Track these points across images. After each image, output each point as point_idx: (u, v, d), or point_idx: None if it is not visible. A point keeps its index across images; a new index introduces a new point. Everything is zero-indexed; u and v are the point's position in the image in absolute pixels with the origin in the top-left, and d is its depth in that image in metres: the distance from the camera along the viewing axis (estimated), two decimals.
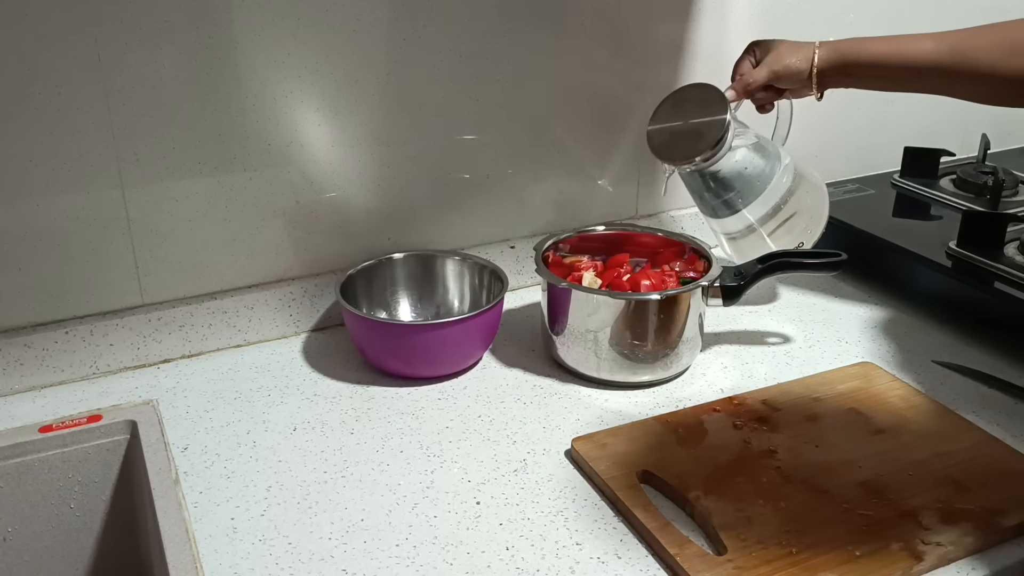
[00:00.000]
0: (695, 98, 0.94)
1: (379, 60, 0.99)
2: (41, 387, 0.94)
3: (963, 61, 0.84)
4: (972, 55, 0.83)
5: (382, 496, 0.80)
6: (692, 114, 0.93)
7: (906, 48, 0.88)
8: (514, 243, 1.14)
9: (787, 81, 0.94)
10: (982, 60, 0.83)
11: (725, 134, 0.91)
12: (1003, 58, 0.82)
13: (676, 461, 0.82)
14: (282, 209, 1.00)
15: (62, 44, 0.85)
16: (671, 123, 0.95)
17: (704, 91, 0.93)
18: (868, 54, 0.90)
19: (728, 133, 0.92)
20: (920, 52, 0.86)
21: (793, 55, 0.93)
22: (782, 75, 0.94)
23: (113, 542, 0.89)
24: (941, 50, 0.85)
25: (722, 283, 0.98)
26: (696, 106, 0.93)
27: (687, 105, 0.94)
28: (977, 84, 0.86)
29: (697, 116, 0.93)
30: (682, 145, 0.94)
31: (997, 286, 1.03)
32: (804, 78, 0.93)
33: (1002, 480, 0.81)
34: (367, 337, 0.96)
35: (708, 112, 0.92)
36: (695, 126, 0.92)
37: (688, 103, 0.94)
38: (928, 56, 0.86)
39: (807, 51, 0.92)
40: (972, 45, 0.84)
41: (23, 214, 0.89)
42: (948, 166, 1.34)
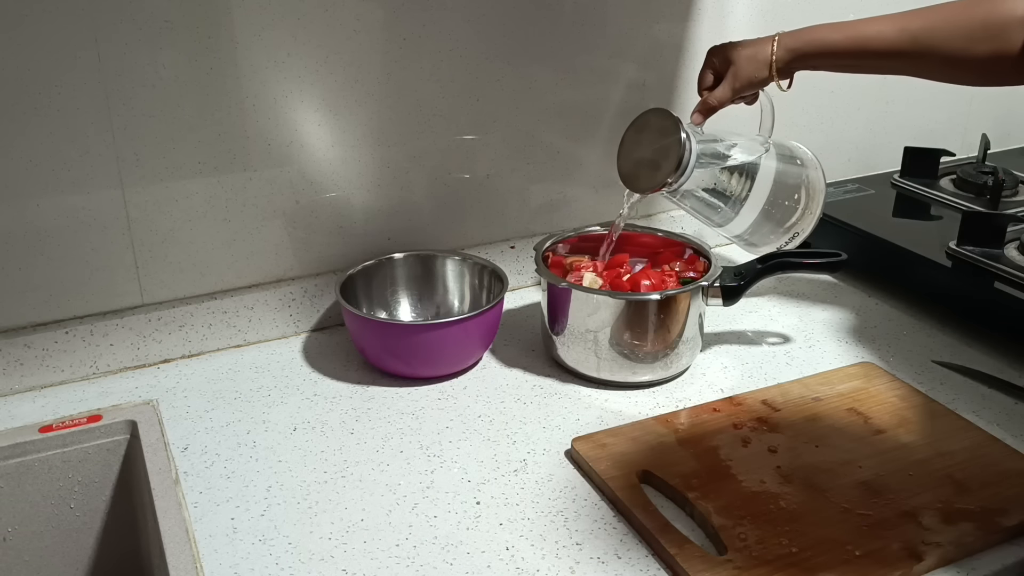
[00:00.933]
0: (654, 126, 0.93)
1: (379, 60, 0.99)
2: (41, 387, 0.94)
3: (924, 49, 0.83)
4: (933, 43, 0.83)
5: (382, 496, 0.80)
6: (651, 142, 0.93)
7: (866, 37, 0.86)
8: (514, 243, 1.14)
9: (750, 90, 0.94)
10: (943, 48, 0.82)
11: (682, 161, 0.90)
12: (965, 45, 0.81)
13: (676, 461, 0.82)
14: (282, 209, 1.00)
15: (62, 44, 0.85)
16: (634, 152, 0.95)
17: (661, 118, 0.92)
18: (827, 47, 0.89)
19: (685, 159, 0.90)
20: (881, 41, 0.85)
21: (751, 65, 0.91)
22: (744, 88, 0.93)
23: (113, 542, 0.89)
24: (902, 39, 0.84)
25: (722, 283, 0.98)
26: (655, 134, 0.93)
27: (647, 133, 0.94)
28: (939, 70, 0.85)
29: (656, 144, 0.92)
30: (645, 174, 0.94)
31: (997, 286, 1.03)
32: (765, 79, 0.92)
33: (1002, 480, 0.81)
34: (367, 337, 0.96)
35: (665, 140, 0.91)
36: (654, 155, 0.92)
37: (648, 130, 0.94)
38: (889, 45, 0.85)
39: (764, 53, 0.91)
40: (933, 34, 0.83)
41: (23, 214, 0.89)
42: (948, 166, 1.34)
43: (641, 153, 0.94)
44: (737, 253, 1.27)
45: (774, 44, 0.90)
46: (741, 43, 0.93)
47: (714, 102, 0.93)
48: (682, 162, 0.90)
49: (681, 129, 0.90)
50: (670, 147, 0.90)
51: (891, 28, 0.85)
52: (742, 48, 0.92)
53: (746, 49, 0.92)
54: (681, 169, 0.90)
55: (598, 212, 1.19)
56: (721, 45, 0.95)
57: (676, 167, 0.90)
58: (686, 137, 0.90)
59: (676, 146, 0.90)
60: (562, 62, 1.09)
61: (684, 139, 0.90)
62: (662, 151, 0.91)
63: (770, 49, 0.90)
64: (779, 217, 0.98)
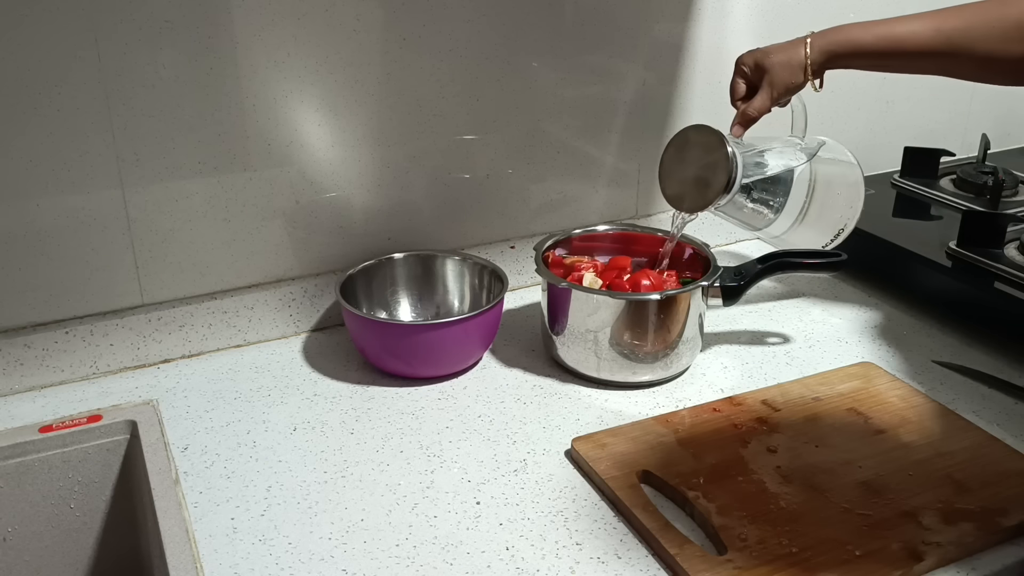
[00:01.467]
0: (696, 142, 0.92)
1: (379, 60, 0.99)
2: (41, 387, 0.94)
3: (959, 49, 0.82)
4: (968, 43, 0.82)
5: (382, 496, 0.80)
6: (696, 159, 0.92)
7: (899, 37, 0.85)
8: (514, 243, 1.14)
9: (788, 96, 0.93)
10: (978, 48, 0.81)
11: (731, 177, 0.89)
12: (1000, 45, 0.80)
13: (676, 461, 0.82)
14: (282, 209, 1.00)
15: (62, 44, 0.85)
16: (678, 171, 0.94)
17: (703, 134, 0.91)
18: (860, 47, 0.88)
19: (734, 174, 0.89)
20: (914, 42, 0.85)
21: (786, 71, 0.90)
22: (783, 95, 0.92)
23: (113, 542, 0.89)
24: (936, 40, 0.83)
25: (722, 283, 0.98)
26: (698, 151, 0.91)
27: (690, 150, 0.92)
28: (973, 70, 0.85)
29: (701, 161, 0.91)
30: (693, 194, 0.92)
31: (997, 286, 1.03)
32: (802, 84, 0.91)
33: (1002, 480, 0.81)
34: (367, 337, 0.96)
35: (711, 156, 0.90)
36: (702, 172, 0.91)
37: (690, 148, 0.92)
38: (923, 45, 0.84)
39: (798, 58, 0.90)
40: (968, 34, 0.82)
41: (23, 214, 0.89)
42: (948, 166, 1.34)
43: (686, 172, 0.93)
44: (737, 253, 1.27)
45: (807, 47, 0.89)
46: (772, 49, 0.92)
47: (754, 113, 0.92)
48: (731, 178, 0.89)
49: (727, 144, 0.89)
50: (717, 163, 0.89)
51: (925, 28, 0.84)
52: (774, 55, 0.91)
53: (779, 55, 0.91)
54: (731, 184, 0.90)
55: (598, 212, 1.19)
56: (750, 53, 0.94)
57: (726, 184, 0.89)
58: (733, 152, 0.89)
59: (724, 162, 0.89)
60: (562, 62, 1.09)
61: (732, 153, 0.89)
62: (709, 168, 0.90)
63: (803, 52, 0.89)
64: (823, 216, 0.98)
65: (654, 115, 1.17)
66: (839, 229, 1.01)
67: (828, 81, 0.92)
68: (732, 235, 1.30)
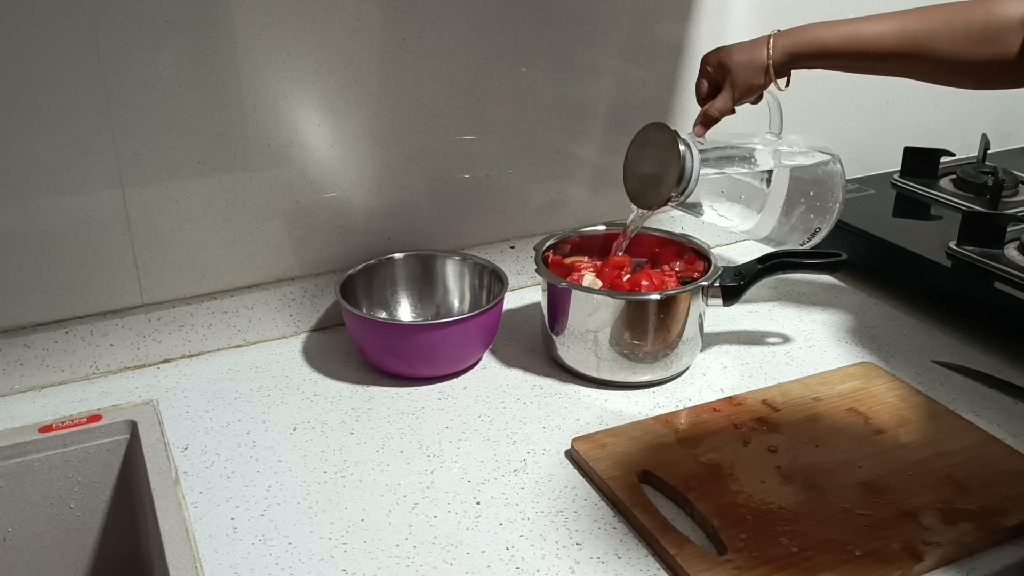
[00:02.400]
0: (654, 140, 0.93)
1: (379, 60, 0.99)
2: (41, 387, 0.94)
3: (924, 51, 0.82)
4: (932, 46, 0.81)
5: (382, 496, 0.80)
6: (653, 157, 0.93)
7: (864, 38, 0.85)
8: (514, 243, 1.14)
9: (750, 96, 0.92)
10: (942, 51, 0.81)
11: (683, 175, 0.90)
12: (964, 48, 0.80)
13: (676, 461, 0.82)
14: (282, 209, 1.00)
15: (62, 44, 0.85)
16: (638, 168, 0.95)
17: (660, 132, 0.92)
18: (823, 48, 0.87)
19: (687, 173, 0.90)
20: (879, 43, 0.84)
21: (747, 72, 0.90)
22: (744, 96, 0.92)
23: (113, 542, 0.89)
24: (901, 41, 0.83)
25: (722, 283, 0.98)
26: (656, 148, 0.92)
27: (649, 148, 0.94)
28: (938, 72, 0.84)
29: (657, 159, 0.92)
30: (650, 190, 0.94)
31: (997, 286, 1.03)
32: (764, 84, 0.91)
33: (1002, 480, 0.81)
34: (367, 337, 0.96)
35: (665, 154, 0.91)
36: (657, 170, 0.92)
37: (649, 145, 0.94)
38: (887, 47, 0.84)
39: (760, 58, 0.89)
40: (932, 36, 0.81)
41: (23, 214, 0.89)
42: (948, 166, 1.34)
43: (644, 168, 0.94)
44: (737, 253, 1.27)
45: (769, 48, 0.89)
46: (734, 48, 0.91)
47: (715, 113, 0.92)
48: (684, 176, 0.90)
49: (679, 142, 0.90)
50: (670, 162, 0.90)
51: (890, 30, 0.84)
52: (736, 54, 0.91)
53: (741, 55, 0.90)
54: (684, 183, 0.90)
55: (598, 212, 1.19)
56: (714, 52, 0.93)
57: (678, 182, 0.90)
58: (685, 149, 0.90)
59: (676, 160, 0.90)
60: (562, 62, 1.09)
61: (683, 152, 0.90)
62: (663, 166, 0.91)
63: (766, 53, 0.89)
64: (798, 214, 0.98)
65: (654, 115, 1.17)
66: (816, 228, 1.01)
67: (828, 81, 0.92)
68: (732, 235, 1.30)
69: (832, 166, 1.01)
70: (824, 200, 1.00)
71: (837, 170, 1.00)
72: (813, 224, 1.00)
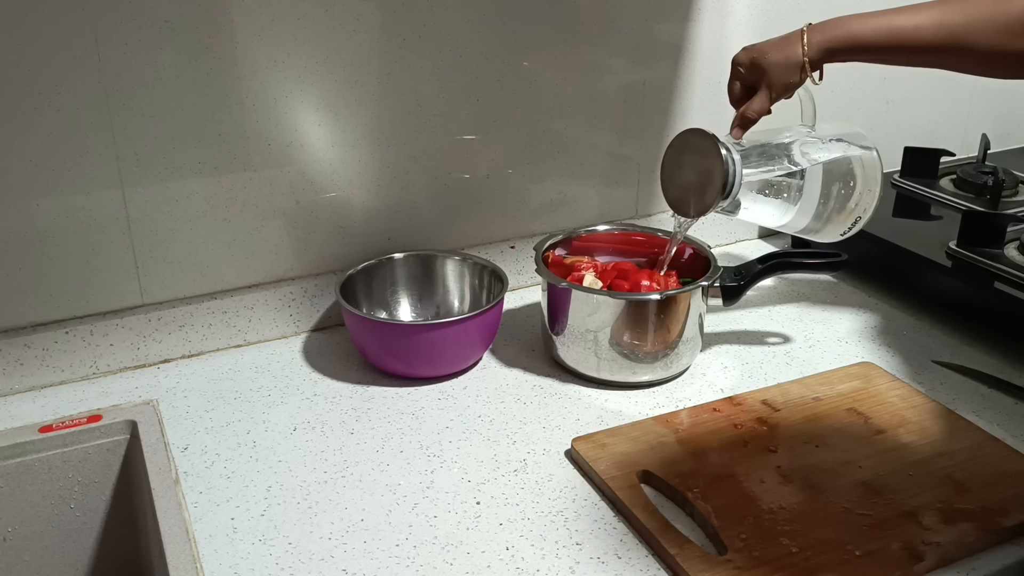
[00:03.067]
0: (693, 146, 0.91)
1: (379, 60, 0.99)
2: (41, 387, 0.94)
3: (962, 45, 0.81)
4: (971, 39, 0.80)
5: (382, 496, 0.80)
6: (693, 164, 0.91)
7: (900, 32, 0.83)
8: (514, 243, 1.14)
9: (788, 94, 0.91)
10: (981, 44, 0.80)
11: (727, 182, 0.88)
12: (1004, 40, 0.79)
13: (676, 461, 0.82)
14: (282, 209, 1.00)
15: (62, 44, 0.85)
16: (677, 176, 0.93)
17: (698, 138, 0.90)
18: (860, 43, 0.86)
19: (730, 179, 0.88)
20: (916, 37, 0.83)
21: (784, 71, 0.88)
22: (782, 95, 0.90)
23: (113, 542, 0.89)
24: (939, 35, 0.82)
25: (722, 283, 0.98)
26: (695, 155, 0.90)
27: (687, 154, 0.92)
28: (977, 65, 0.84)
29: (698, 166, 0.90)
30: (692, 199, 0.92)
31: (997, 286, 1.03)
32: (801, 82, 0.89)
33: (1002, 480, 0.81)
34: (367, 337, 0.96)
35: (706, 161, 0.89)
36: (699, 178, 0.90)
37: (688, 152, 0.91)
38: (925, 41, 0.82)
39: (796, 57, 0.87)
40: (970, 28, 0.80)
41: (23, 214, 0.89)
42: (948, 166, 1.34)
43: (685, 177, 0.92)
44: (737, 253, 1.27)
45: (804, 45, 0.87)
46: (766, 47, 0.90)
47: (753, 115, 0.91)
48: (727, 182, 0.88)
49: (720, 147, 0.88)
50: (713, 169, 0.88)
51: (927, 23, 0.82)
52: (771, 53, 0.89)
53: (775, 54, 0.89)
54: (728, 189, 0.89)
55: (598, 212, 1.19)
56: (745, 52, 0.92)
57: (722, 189, 0.88)
58: (727, 154, 0.88)
59: (719, 167, 0.88)
60: (562, 62, 1.09)
61: (726, 157, 0.88)
62: (706, 173, 0.89)
63: (801, 51, 0.87)
64: (838, 205, 0.96)
65: (654, 115, 1.17)
66: (857, 217, 0.99)
67: (828, 81, 0.91)
68: (732, 235, 1.30)
69: (868, 155, 0.98)
70: (862, 190, 0.98)
71: (873, 159, 0.98)
72: (853, 215, 0.98)
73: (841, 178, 0.97)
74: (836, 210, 0.97)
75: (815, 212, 0.97)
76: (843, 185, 0.97)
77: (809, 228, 0.99)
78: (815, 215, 0.97)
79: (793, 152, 0.97)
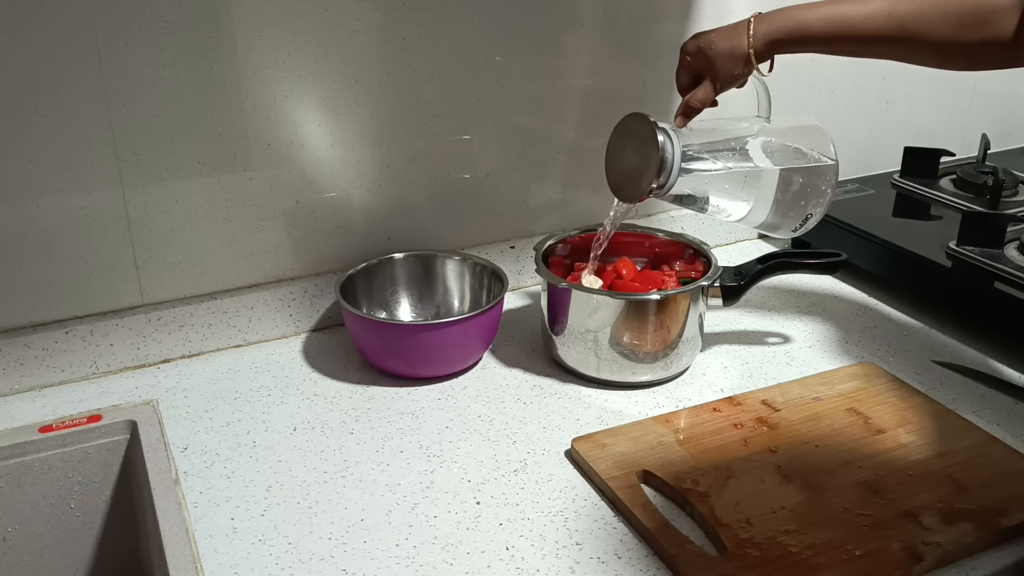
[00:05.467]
0: (635, 131, 0.90)
1: (379, 60, 0.99)
2: (41, 387, 0.94)
3: (913, 35, 0.80)
4: (922, 30, 0.80)
5: (382, 496, 0.80)
6: (634, 149, 0.90)
7: (850, 22, 0.82)
8: (514, 243, 1.14)
9: (733, 85, 0.90)
10: (932, 34, 0.79)
11: (664, 167, 0.87)
12: (955, 32, 0.78)
13: (676, 461, 0.82)
14: (282, 209, 1.00)
15: (62, 44, 0.85)
16: (620, 160, 0.92)
17: (640, 123, 0.89)
18: (808, 33, 0.84)
19: (668, 165, 0.87)
20: (866, 28, 0.82)
21: (730, 61, 0.87)
22: (727, 86, 0.89)
23: (113, 542, 0.89)
24: (890, 25, 0.81)
25: (722, 283, 0.98)
26: (637, 140, 0.89)
27: (629, 139, 0.91)
28: (927, 56, 0.83)
29: (638, 151, 0.89)
30: (630, 183, 0.91)
31: (997, 286, 1.03)
32: (746, 73, 0.88)
33: (1002, 480, 0.81)
34: (367, 337, 0.96)
35: (645, 146, 0.88)
36: (638, 163, 0.89)
37: (630, 136, 0.91)
38: (875, 31, 0.81)
39: (741, 47, 0.86)
40: (922, 19, 0.79)
41: (23, 214, 0.89)
42: (948, 166, 1.34)
43: (626, 161, 0.91)
44: (737, 253, 1.27)
45: (750, 35, 0.85)
46: (714, 36, 0.88)
47: (696, 104, 0.90)
48: (664, 168, 0.87)
49: (658, 132, 0.87)
50: (650, 154, 0.88)
51: (877, 12, 0.81)
52: (717, 43, 0.88)
53: (721, 44, 0.87)
54: (665, 175, 0.87)
55: (598, 212, 1.18)
56: (693, 41, 0.90)
57: (658, 174, 0.87)
58: (664, 139, 0.87)
59: (655, 152, 0.87)
60: (562, 62, 1.09)
61: (663, 142, 0.87)
62: (644, 158, 0.89)
63: (747, 42, 0.86)
64: (790, 201, 0.95)
65: (654, 115, 1.17)
66: (807, 214, 0.97)
67: (828, 81, 0.92)
68: (732, 235, 1.30)
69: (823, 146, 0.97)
70: (816, 184, 0.97)
71: (828, 149, 0.97)
72: (805, 210, 0.97)
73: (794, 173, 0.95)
74: (790, 205, 0.95)
75: (770, 207, 0.95)
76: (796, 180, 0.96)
77: (764, 223, 0.97)
78: (770, 211, 0.95)
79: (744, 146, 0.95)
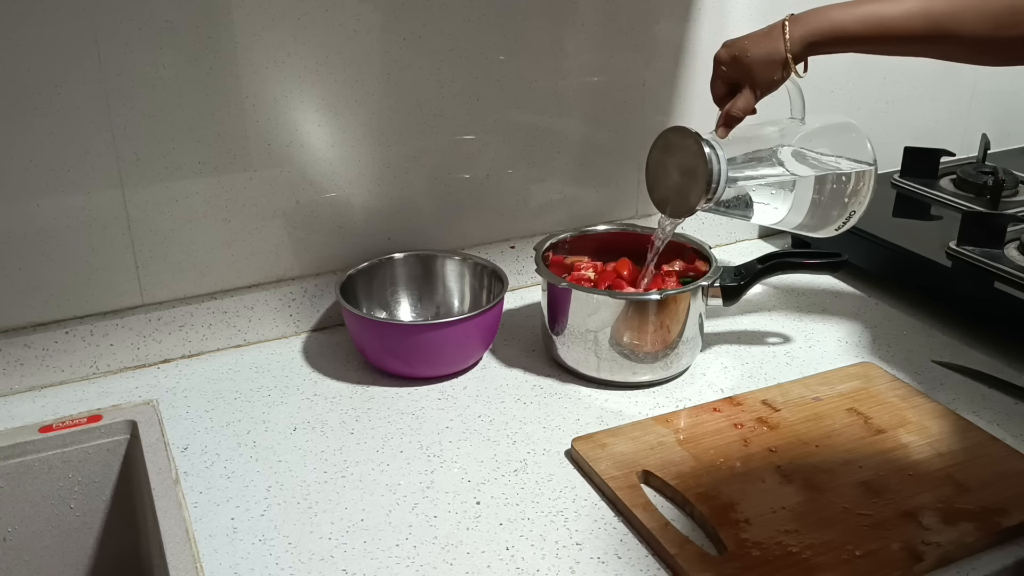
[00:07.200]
0: (676, 145, 0.89)
1: (379, 60, 0.99)
2: (41, 387, 0.94)
3: (950, 34, 0.80)
4: (958, 28, 0.79)
5: (382, 496, 0.80)
6: (677, 164, 0.89)
7: (885, 22, 0.82)
8: (514, 243, 1.14)
9: (772, 90, 0.89)
10: (969, 32, 0.79)
11: (711, 181, 0.87)
12: (992, 30, 0.78)
13: (676, 461, 0.82)
14: (282, 209, 1.00)
15: (62, 44, 0.85)
16: (663, 176, 0.92)
17: (681, 136, 0.89)
18: (843, 34, 0.84)
19: (715, 178, 0.87)
20: (902, 27, 0.81)
21: (768, 68, 0.86)
22: (767, 92, 0.89)
23: (113, 542, 0.89)
24: (925, 24, 0.80)
25: (722, 283, 0.98)
26: (679, 154, 0.89)
27: (672, 154, 0.90)
28: (963, 54, 0.83)
29: (682, 166, 0.89)
30: (676, 199, 0.91)
31: (997, 286, 1.03)
32: (785, 77, 0.88)
33: (1002, 480, 0.81)
34: (367, 337, 0.96)
35: (690, 161, 0.88)
36: (683, 177, 0.89)
37: (672, 151, 0.90)
38: (911, 30, 0.81)
39: (778, 53, 0.86)
40: (958, 18, 0.79)
41: (23, 214, 0.89)
42: (948, 166, 1.34)
43: (670, 177, 0.91)
44: (737, 253, 1.27)
45: (786, 40, 0.85)
46: (748, 43, 0.88)
47: (737, 113, 0.89)
48: (712, 182, 0.87)
49: (704, 146, 0.86)
50: (696, 168, 0.87)
51: (912, 12, 0.81)
52: (752, 50, 0.87)
53: (757, 50, 0.87)
54: (712, 189, 0.87)
55: (598, 212, 1.19)
56: (726, 49, 0.90)
57: (706, 189, 0.87)
58: (711, 153, 0.86)
59: (702, 166, 0.86)
60: (562, 62, 1.09)
61: (709, 155, 0.86)
62: (689, 173, 0.88)
63: (783, 47, 0.85)
64: (829, 201, 0.95)
65: (654, 115, 1.17)
66: (851, 211, 0.96)
67: (828, 81, 0.91)
68: (732, 235, 1.30)
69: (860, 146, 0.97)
70: (856, 183, 0.96)
71: (866, 148, 0.96)
72: (845, 211, 0.96)
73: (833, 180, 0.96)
74: (829, 204, 0.95)
75: (808, 208, 0.95)
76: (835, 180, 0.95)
77: (803, 224, 0.98)
78: (809, 212, 0.96)
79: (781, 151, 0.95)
